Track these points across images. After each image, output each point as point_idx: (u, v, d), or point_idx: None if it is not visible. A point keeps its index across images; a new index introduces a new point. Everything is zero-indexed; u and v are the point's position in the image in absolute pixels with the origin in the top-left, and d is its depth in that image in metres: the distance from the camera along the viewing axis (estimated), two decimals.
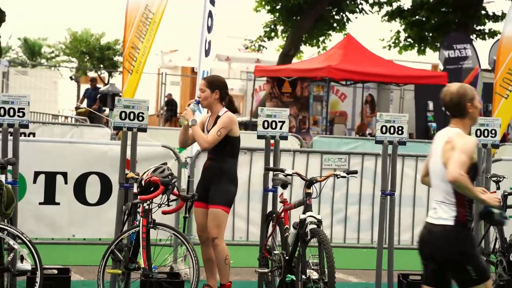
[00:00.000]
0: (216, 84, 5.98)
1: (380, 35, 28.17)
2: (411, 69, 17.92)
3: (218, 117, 5.91)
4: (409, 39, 23.12)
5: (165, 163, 5.75)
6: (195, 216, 6.04)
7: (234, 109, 6.05)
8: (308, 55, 24.18)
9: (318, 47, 23.31)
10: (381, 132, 6.47)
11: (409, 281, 6.44)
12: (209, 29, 7.56)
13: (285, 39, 22.83)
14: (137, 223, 5.47)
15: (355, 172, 6.20)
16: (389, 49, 23.47)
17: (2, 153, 5.76)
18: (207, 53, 7.55)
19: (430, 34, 22.57)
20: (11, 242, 5.23)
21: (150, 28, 9.43)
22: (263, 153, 6.59)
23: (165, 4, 9.29)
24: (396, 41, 23.30)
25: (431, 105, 19.05)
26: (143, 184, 5.49)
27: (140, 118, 6.07)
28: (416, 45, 23.07)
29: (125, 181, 6.03)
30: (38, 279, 5.13)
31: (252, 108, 19.15)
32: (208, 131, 5.92)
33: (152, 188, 5.44)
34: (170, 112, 22.97)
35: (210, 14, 7.51)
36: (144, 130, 6.12)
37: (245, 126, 19.28)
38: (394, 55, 23.55)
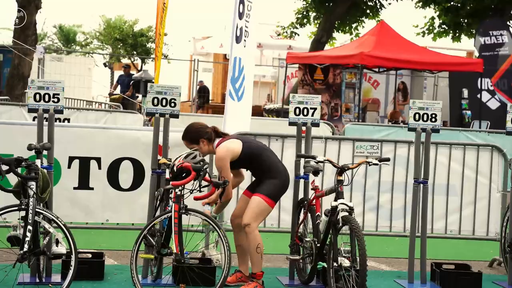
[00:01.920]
0: (196, 135, 5.93)
1: (414, 21, 27.82)
2: (446, 56, 17.67)
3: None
4: (444, 26, 22.79)
5: (197, 149, 5.78)
6: (239, 201, 6.09)
7: (221, 134, 6.04)
8: (341, 42, 24.01)
9: (351, 33, 23.11)
10: (414, 119, 6.41)
11: (443, 270, 6.39)
12: (241, 15, 7.54)
13: (317, 25, 22.69)
14: (169, 208, 5.51)
15: (388, 159, 6.15)
16: (423, 36, 23.18)
17: (38, 138, 5.84)
18: (238, 39, 7.54)
19: (465, 20, 22.22)
20: (47, 225, 5.32)
21: (164, 14, 9.47)
22: (295, 140, 6.59)
23: None
24: (430, 27, 22.99)
25: (465, 93, 18.80)
26: (175, 170, 5.53)
27: (172, 104, 6.10)
28: (451, 31, 22.73)
29: (158, 167, 6.09)
30: (72, 263, 5.20)
31: (284, 95, 19.10)
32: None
33: (184, 174, 5.47)
34: (202, 99, 23.04)
35: (242, 1, 7.49)
36: (176, 116, 6.15)
37: (276, 113, 19.25)
38: (428, 42, 23.26)
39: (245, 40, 7.60)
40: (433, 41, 22.92)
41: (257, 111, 20.70)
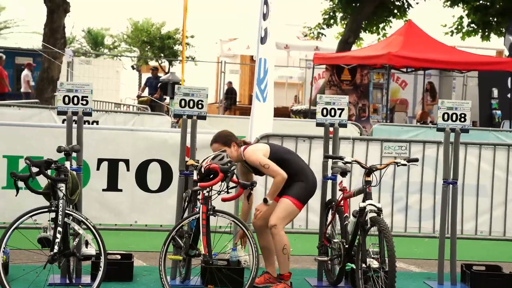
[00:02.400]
0: (229, 139, 5.97)
1: (442, 20, 27.61)
2: (475, 55, 17.49)
3: (245, 161, 5.94)
4: (473, 25, 22.55)
5: (224, 151, 5.79)
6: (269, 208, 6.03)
7: (246, 143, 6.09)
8: (368, 42, 23.87)
9: (378, 34, 22.98)
10: (443, 119, 6.35)
11: (473, 272, 6.32)
12: (265, 16, 7.54)
13: (344, 26, 22.60)
14: (197, 210, 5.52)
15: (416, 160, 6.10)
16: (451, 35, 22.95)
17: (67, 140, 5.90)
18: (263, 40, 7.54)
19: (495, 19, 21.96)
20: (76, 227, 5.36)
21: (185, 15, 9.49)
22: (322, 141, 6.56)
23: None
24: (459, 26, 22.76)
25: (495, 92, 18.59)
26: (203, 171, 5.54)
27: (200, 106, 6.12)
28: (480, 30, 22.48)
29: (185, 169, 6.11)
30: (102, 264, 5.24)
31: (311, 96, 19.06)
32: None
33: (212, 175, 5.49)
34: (229, 101, 23.08)
35: (266, 2, 7.50)
36: (203, 117, 6.17)
37: (304, 114, 19.22)
38: (457, 41, 23.03)
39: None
40: (461, 41, 22.68)
41: (285, 112, 20.68)
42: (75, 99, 5.95)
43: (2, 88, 19.43)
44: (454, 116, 6.35)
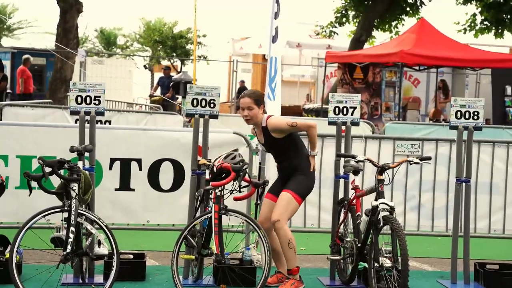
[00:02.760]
0: (261, 99, 6.00)
1: (455, 18, 27.47)
2: (488, 53, 17.38)
3: (264, 128, 5.92)
4: (486, 22, 22.41)
5: (237, 150, 5.79)
6: (262, 206, 6.03)
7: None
8: (380, 40, 23.78)
9: (391, 32, 22.89)
10: (456, 117, 6.32)
11: (487, 270, 6.29)
12: (276, 15, 7.54)
13: (356, 24, 22.54)
14: (209, 209, 5.53)
15: (429, 158, 6.07)
16: (464, 33, 22.82)
17: (80, 140, 5.92)
18: (274, 39, 7.53)
19: (508, 16, 21.80)
20: (89, 227, 5.38)
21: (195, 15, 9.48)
22: (334, 140, 6.55)
23: None
24: (472, 24, 22.62)
25: (509, 90, 18.47)
26: (215, 171, 5.54)
27: (212, 105, 6.12)
28: (493, 28, 22.33)
29: (197, 168, 6.11)
30: (114, 264, 5.25)
31: (323, 95, 19.03)
32: (262, 144, 6.04)
33: (224, 175, 5.49)
34: None
35: (277, 0, 7.49)
36: (215, 117, 6.18)
37: (316, 112, 19.19)
38: (470, 39, 22.90)
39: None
40: (474, 38, 22.54)
41: (297, 111, 20.66)
42: (88, 99, 5.97)
43: (28, 88, 19.55)
44: (467, 114, 6.31)
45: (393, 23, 22.79)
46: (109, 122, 10.92)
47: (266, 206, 5.96)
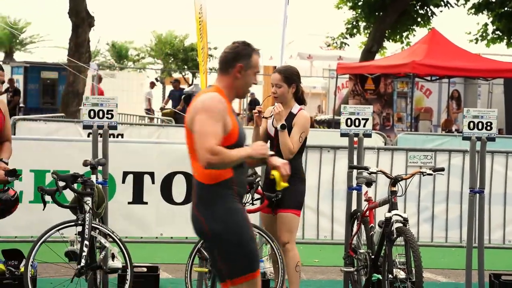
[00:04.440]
0: (294, 78, 5.62)
1: (466, 28, 27.39)
2: (500, 63, 17.33)
3: (291, 113, 5.62)
4: (498, 32, 22.38)
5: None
6: (262, 222, 5.91)
7: (302, 100, 5.74)
8: (392, 51, 23.80)
9: (402, 42, 22.90)
10: (469, 128, 6.30)
11: (502, 281, 6.24)
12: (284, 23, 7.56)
13: (367, 35, 22.56)
14: None
15: (442, 169, 6.05)
16: (476, 43, 22.80)
17: (93, 154, 5.94)
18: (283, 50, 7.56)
19: None
20: (103, 240, 5.39)
21: (202, 28, 9.49)
22: (347, 151, 6.54)
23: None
24: (484, 34, 22.60)
25: None
26: None
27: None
28: (505, 37, 22.30)
29: None
30: (128, 277, 5.26)
31: (335, 106, 19.02)
32: (274, 127, 5.62)
33: None
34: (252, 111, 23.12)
35: (286, 13, 7.53)
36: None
37: (328, 124, 19.17)
38: (482, 49, 22.87)
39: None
40: (486, 48, 22.52)
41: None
42: (101, 113, 6.00)
43: None
44: (480, 124, 6.29)
45: (404, 34, 22.80)
46: (122, 135, 10.97)
47: (265, 221, 5.81)
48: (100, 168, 5.80)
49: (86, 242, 5.16)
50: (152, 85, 25.73)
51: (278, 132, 5.55)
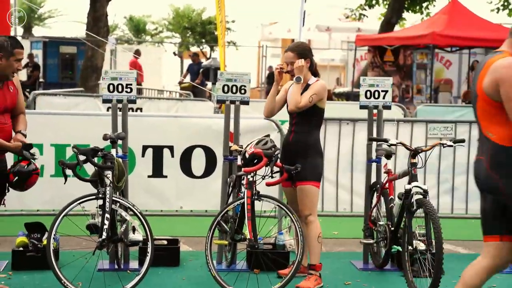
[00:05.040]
0: (307, 53, 5.71)
1: None
2: None
3: (307, 85, 5.68)
4: None
5: (268, 135, 5.79)
6: (285, 196, 5.94)
7: (316, 73, 5.80)
8: (411, 22, 23.56)
9: (421, 13, 22.61)
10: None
11: None
12: None
13: (386, 6, 22.31)
14: (242, 195, 5.54)
15: (463, 140, 6.01)
16: (497, 12, 22.45)
17: (112, 128, 5.98)
18: (305, 23, 7.51)
19: None
20: (123, 213, 5.44)
21: (220, 1, 9.44)
22: (366, 124, 6.52)
23: None
24: (505, 2, 22.23)
25: None
26: (247, 157, 5.55)
27: (243, 91, 6.13)
28: None
29: (229, 154, 6.14)
30: (149, 250, 5.31)
31: (354, 78, 18.92)
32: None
33: (256, 160, 5.50)
34: (271, 85, 23.03)
35: None
36: (246, 103, 6.18)
37: (347, 96, 19.09)
38: (504, 18, 22.52)
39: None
40: (508, 17, 22.17)
41: (327, 95, 20.57)
42: (120, 87, 6.02)
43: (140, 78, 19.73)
44: None
45: (424, 4, 22.51)
46: (141, 109, 11.00)
47: (287, 194, 5.88)
48: (120, 142, 5.83)
49: (107, 215, 5.21)
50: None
51: (292, 85, 5.64)
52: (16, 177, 5.22)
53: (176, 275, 5.91)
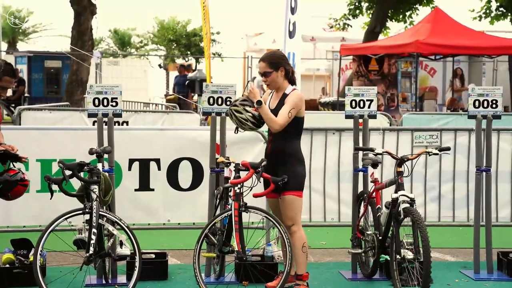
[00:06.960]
0: (280, 62, 5.61)
1: (469, 5, 27.21)
2: (504, 40, 17.21)
3: (284, 95, 5.60)
4: (501, 8, 22.22)
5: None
6: (269, 207, 5.92)
7: (293, 81, 5.67)
8: (395, 31, 23.66)
9: (405, 22, 22.74)
10: (474, 106, 6.28)
11: (510, 259, 6.24)
12: (293, 10, 7.53)
13: (370, 16, 22.43)
14: (229, 206, 5.54)
15: (448, 148, 6.04)
16: (479, 20, 22.63)
17: (98, 142, 5.96)
18: (291, 34, 7.53)
19: None
20: (110, 228, 5.42)
21: (205, 12, 9.47)
22: (352, 133, 6.53)
23: None
24: (487, 11, 22.42)
25: None
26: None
27: (228, 103, 6.13)
28: (509, 14, 22.14)
29: (216, 166, 6.13)
30: (137, 264, 5.29)
31: (339, 88, 18.98)
32: (271, 110, 5.57)
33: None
34: None
35: None
36: None
37: (332, 106, 19.14)
38: (486, 26, 22.71)
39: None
40: (490, 25, 22.35)
41: (313, 105, 20.61)
42: (105, 101, 6.00)
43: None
44: (485, 102, 6.27)
45: (407, 13, 22.64)
46: (127, 123, 10.97)
47: (270, 205, 5.86)
48: (106, 156, 5.81)
49: (94, 230, 5.18)
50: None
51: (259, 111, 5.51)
52: (1, 185, 5.19)
53: None
